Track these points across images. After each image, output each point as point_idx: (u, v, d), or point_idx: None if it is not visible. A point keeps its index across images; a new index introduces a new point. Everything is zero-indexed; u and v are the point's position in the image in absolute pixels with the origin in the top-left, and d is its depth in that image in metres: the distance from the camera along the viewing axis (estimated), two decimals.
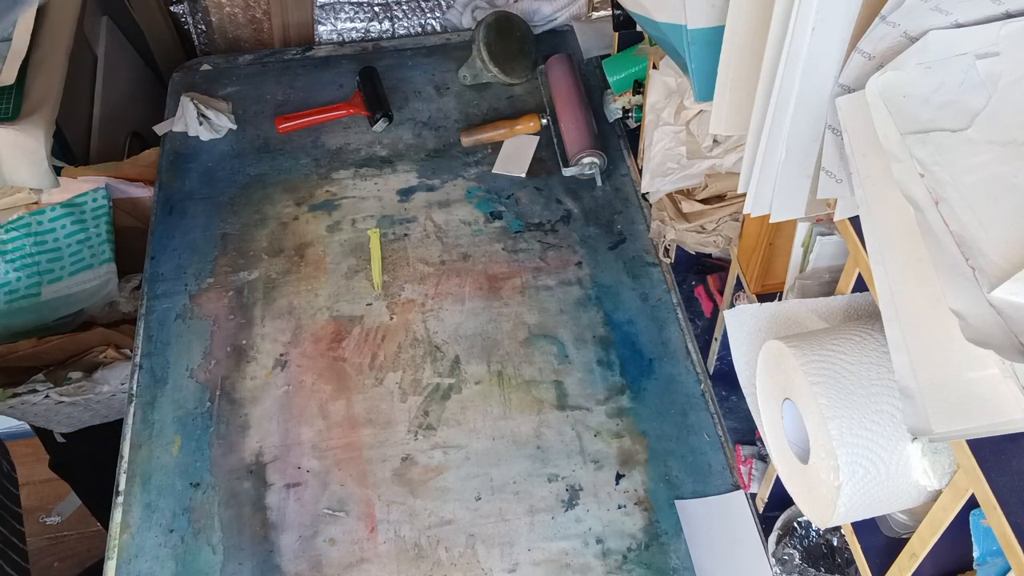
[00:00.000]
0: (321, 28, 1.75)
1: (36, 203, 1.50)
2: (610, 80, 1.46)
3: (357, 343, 1.26)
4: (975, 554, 0.62)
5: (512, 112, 1.57)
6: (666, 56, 1.13)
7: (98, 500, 1.55)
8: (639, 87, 1.44)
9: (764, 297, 0.96)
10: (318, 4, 1.73)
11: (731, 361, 0.87)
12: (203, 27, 1.77)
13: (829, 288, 0.85)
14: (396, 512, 1.10)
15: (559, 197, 1.44)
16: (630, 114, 1.50)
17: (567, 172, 1.44)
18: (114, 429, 1.24)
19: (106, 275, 1.61)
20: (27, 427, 1.49)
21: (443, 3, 1.76)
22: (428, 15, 1.77)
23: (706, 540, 1.06)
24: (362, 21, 1.75)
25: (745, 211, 0.71)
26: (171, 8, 1.80)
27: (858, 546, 0.79)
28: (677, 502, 1.09)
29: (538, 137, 1.52)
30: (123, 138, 1.74)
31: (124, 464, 1.15)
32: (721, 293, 1.18)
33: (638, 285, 1.32)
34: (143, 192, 1.75)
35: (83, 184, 1.70)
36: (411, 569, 1.05)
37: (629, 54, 1.45)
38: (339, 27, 1.75)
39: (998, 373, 0.54)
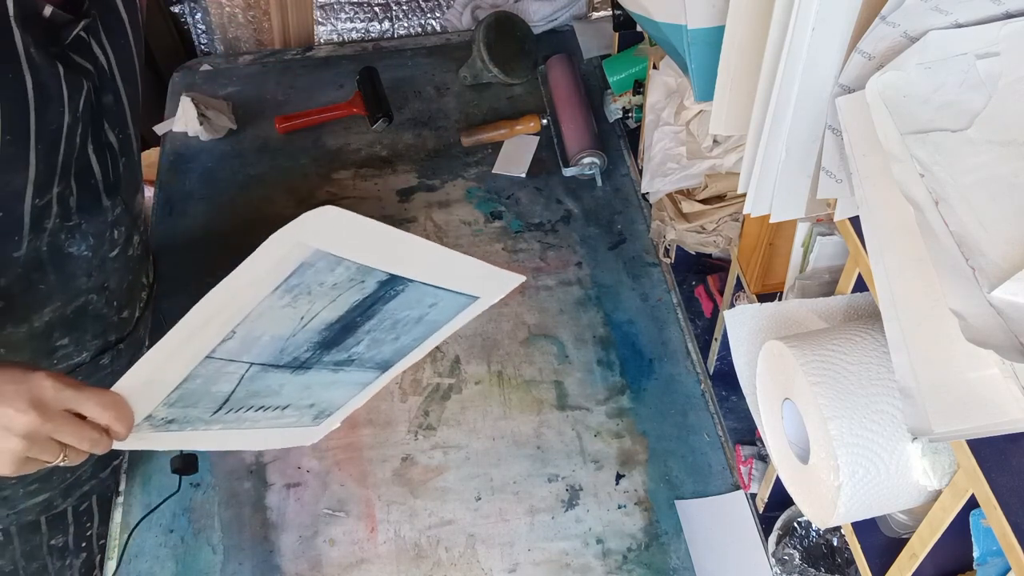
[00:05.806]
0: (321, 28, 1.75)
1: None
2: (610, 80, 1.47)
3: None
4: (975, 554, 0.62)
5: (512, 112, 1.57)
6: (666, 56, 1.14)
7: None
8: (639, 87, 1.44)
9: (764, 297, 0.96)
10: (318, 4, 1.73)
11: (731, 361, 0.87)
12: (203, 27, 1.77)
13: (829, 288, 0.85)
14: (396, 512, 1.10)
15: (559, 197, 1.44)
16: (630, 114, 1.50)
17: (567, 172, 1.44)
18: None
19: None
20: None
21: (443, 3, 1.76)
22: (428, 15, 1.77)
23: (706, 540, 1.06)
24: (362, 21, 1.75)
25: (745, 211, 0.71)
26: (171, 8, 1.80)
27: (858, 546, 0.79)
28: (677, 502, 1.09)
29: (538, 137, 1.52)
30: None
31: (124, 464, 1.15)
32: (721, 293, 1.17)
33: (638, 285, 1.32)
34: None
35: None
36: (411, 569, 1.05)
37: (629, 54, 1.45)
38: (339, 27, 1.75)
39: (998, 373, 0.54)
